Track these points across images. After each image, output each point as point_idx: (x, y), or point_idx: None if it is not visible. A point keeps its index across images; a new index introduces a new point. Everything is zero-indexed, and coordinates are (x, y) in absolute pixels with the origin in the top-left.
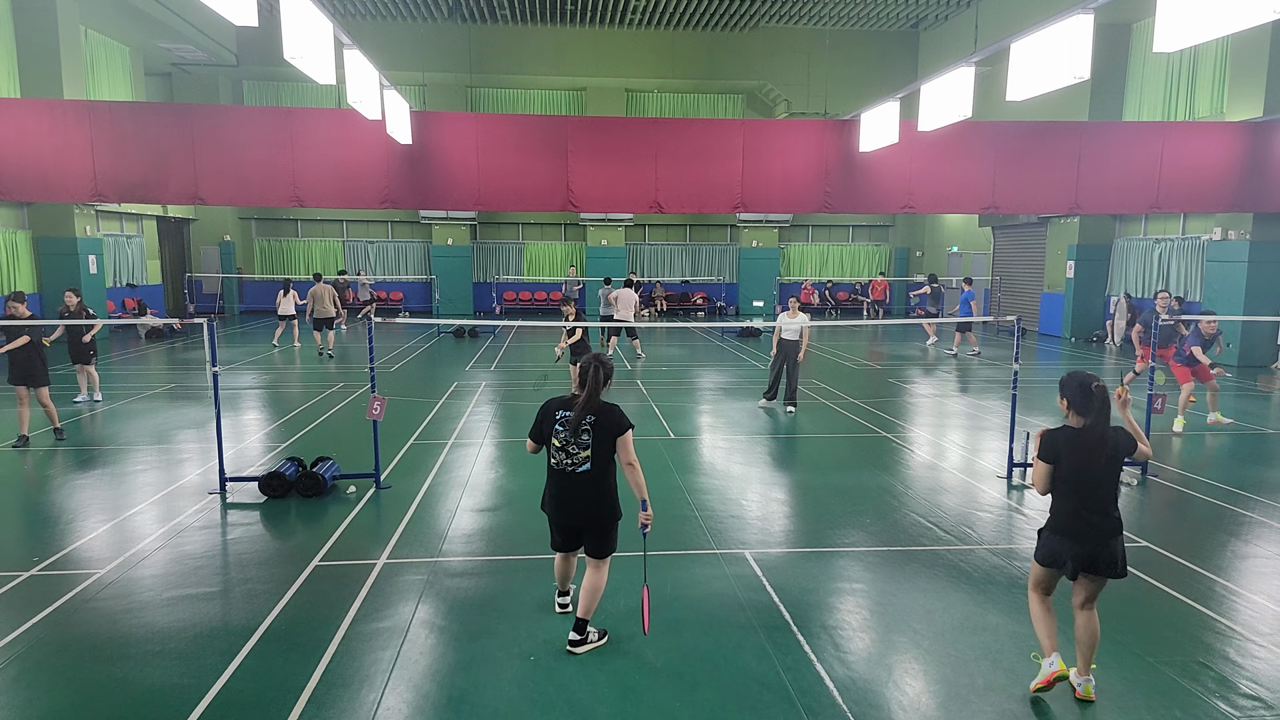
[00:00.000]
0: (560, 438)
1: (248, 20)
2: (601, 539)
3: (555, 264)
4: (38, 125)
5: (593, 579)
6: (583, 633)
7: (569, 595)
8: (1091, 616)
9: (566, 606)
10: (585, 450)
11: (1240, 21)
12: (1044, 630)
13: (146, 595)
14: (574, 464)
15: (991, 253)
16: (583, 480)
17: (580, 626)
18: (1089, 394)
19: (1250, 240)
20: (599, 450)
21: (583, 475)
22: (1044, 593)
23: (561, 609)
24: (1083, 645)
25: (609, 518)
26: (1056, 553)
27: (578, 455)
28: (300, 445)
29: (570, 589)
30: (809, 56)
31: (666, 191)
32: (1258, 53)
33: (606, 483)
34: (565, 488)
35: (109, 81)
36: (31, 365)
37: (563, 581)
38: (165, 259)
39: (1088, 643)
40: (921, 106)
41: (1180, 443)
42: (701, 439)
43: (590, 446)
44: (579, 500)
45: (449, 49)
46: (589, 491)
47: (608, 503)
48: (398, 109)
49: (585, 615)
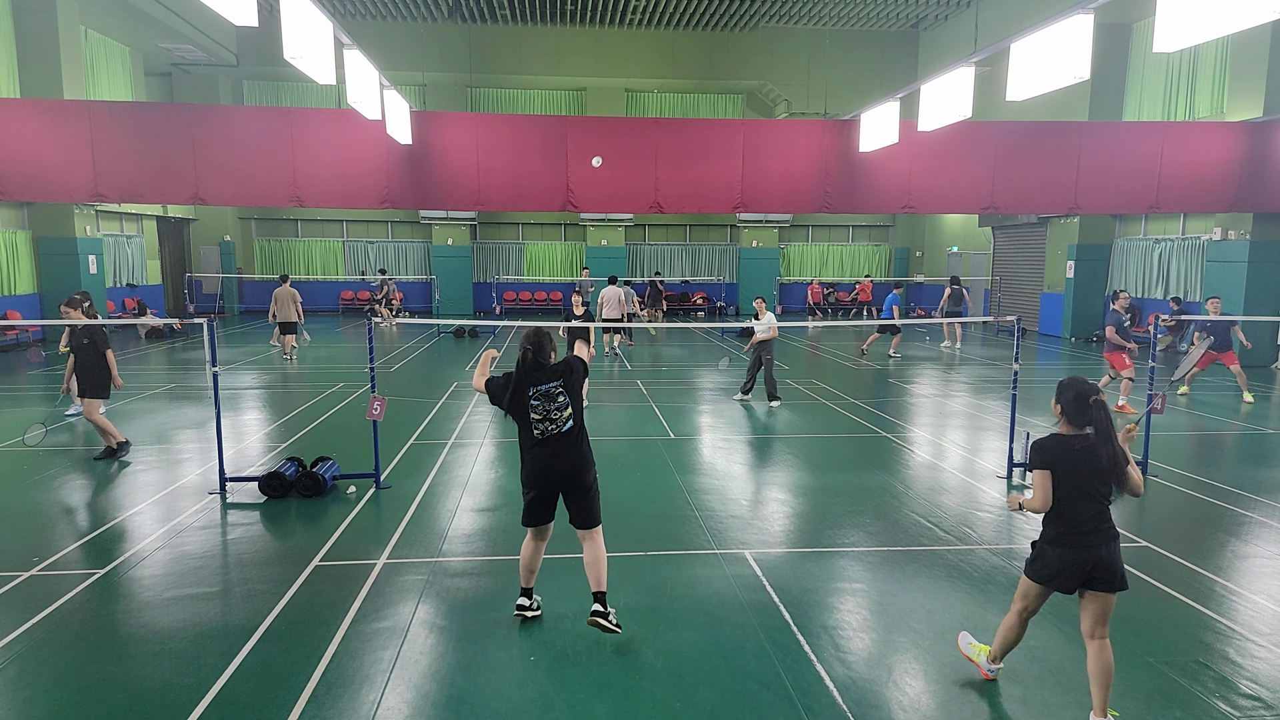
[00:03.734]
0: (539, 411)
1: (248, 20)
2: (587, 501)
3: (555, 264)
4: (38, 125)
5: (591, 551)
6: (606, 605)
7: (530, 599)
8: (1104, 648)
9: (526, 611)
10: (566, 410)
11: (1240, 21)
12: (1003, 639)
13: (146, 595)
14: (558, 426)
15: (991, 253)
16: (569, 438)
17: (601, 599)
18: (1085, 407)
19: (1250, 240)
20: (576, 403)
21: (569, 433)
22: (1028, 612)
23: (519, 612)
24: (1096, 680)
25: (592, 477)
26: (1053, 566)
27: (560, 416)
28: (300, 445)
29: (533, 593)
30: (809, 56)
31: (666, 191)
32: (1258, 53)
33: (584, 437)
34: (554, 450)
35: (109, 81)
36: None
37: (526, 576)
38: (165, 259)
39: (1101, 677)
40: (921, 106)
41: (1180, 443)
42: (701, 439)
43: (570, 405)
44: (567, 459)
45: (449, 49)
46: (575, 448)
47: (587, 459)
48: (398, 109)
49: (600, 588)
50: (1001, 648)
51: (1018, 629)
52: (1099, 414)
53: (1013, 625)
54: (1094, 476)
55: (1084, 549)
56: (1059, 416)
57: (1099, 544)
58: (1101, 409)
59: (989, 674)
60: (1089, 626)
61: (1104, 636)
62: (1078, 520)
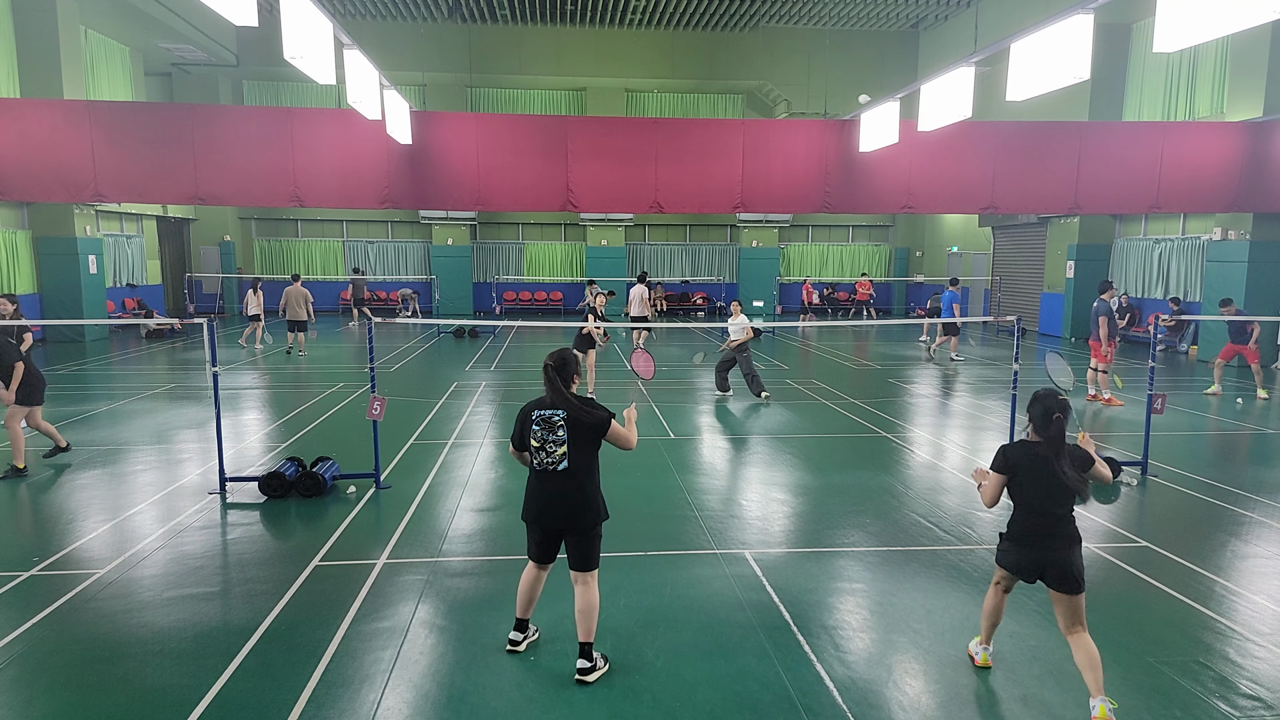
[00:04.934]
0: (538, 437)
1: (248, 20)
2: (584, 546)
3: (555, 264)
4: (38, 125)
5: (584, 598)
6: (590, 658)
7: (525, 631)
8: (1082, 640)
9: (518, 646)
10: (561, 447)
11: (1240, 21)
12: (987, 621)
13: (146, 595)
14: (552, 462)
15: (991, 253)
16: (561, 478)
17: (586, 652)
18: (1049, 421)
19: (1250, 240)
20: (575, 447)
21: (561, 473)
22: (1002, 590)
23: (511, 647)
24: (1085, 669)
25: (590, 521)
26: (1010, 559)
27: (555, 453)
28: (300, 445)
29: (529, 623)
30: (809, 56)
31: (666, 191)
32: (1258, 53)
33: (587, 483)
34: (546, 488)
35: (109, 81)
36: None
37: (524, 606)
38: (165, 259)
39: (1088, 667)
40: (921, 106)
41: (1180, 443)
42: (701, 439)
43: (566, 443)
44: (560, 500)
45: (449, 49)
46: (568, 490)
47: (589, 505)
48: (398, 109)
49: (587, 639)
50: (987, 628)
51: (996, 606)
52: (1056, 430)
53: (990, 608)
54: (1054, 484)
55: (1037, 549)
56: (1028, 424)
57: (1053, 549)
58: (1060, 426)
59: (978, 659)
60: (1063, 623)
61: (1081, 630)
62: (1033, 523)
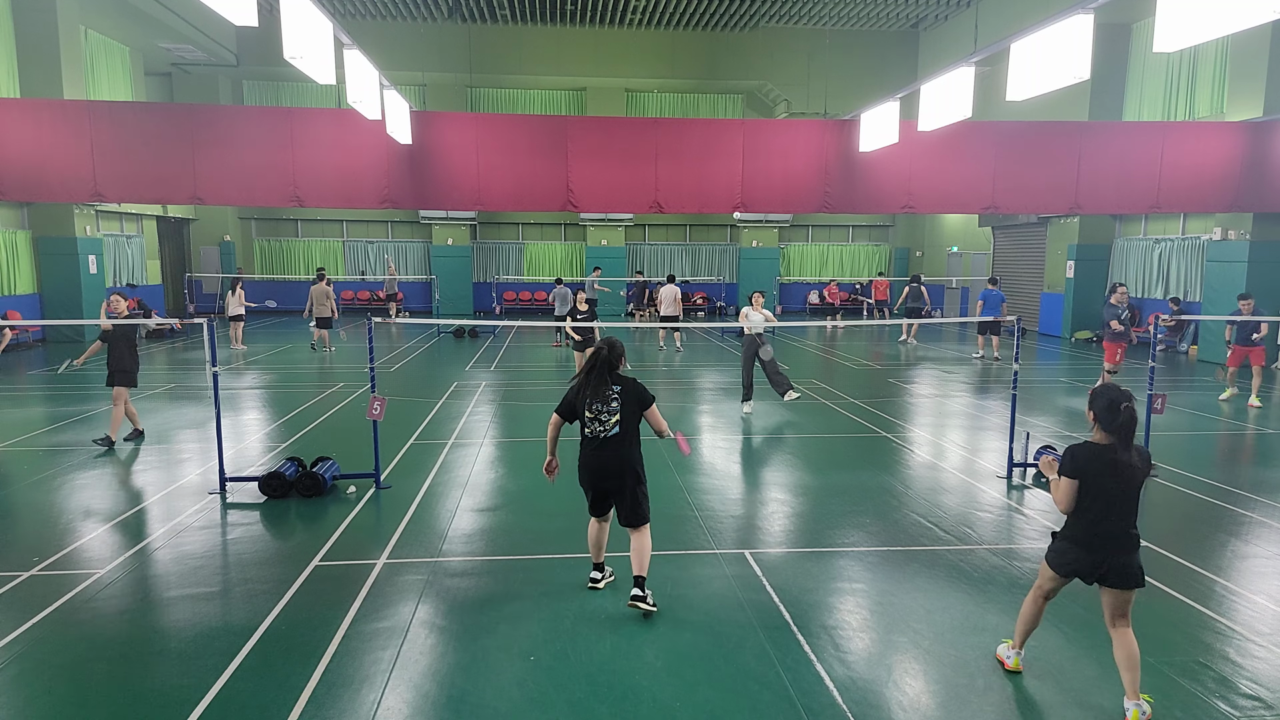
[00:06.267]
0: (593, 409)
1: (248, 20)
2: (633, 506)
3: (555, 264)
4: (38, 125)
5: (638, 541)
6: (644, 590)
7: (601, 573)
8: (1126, 635)
9: (597, 583)
10: (615, 416)
11: (1240, 21)
12: (1025, 627)
13: (146, 595)
14: (605, 430)
15: (991, 253)
16: (612, 444)
17: (640, 583)
18: (1116, 412)
19: (1250, 240)
20: (626, 416)
21: (613, 439)
22: (1044, 597)
23: (591, 584)
24: (1123, 666)
25: (635, 482)
26: (1069, 561)
27: (608, 421)
28: (300, 445)
29: (604, 566)
30: (809, 56)
31: (666, 191)
32: (1258, 53)
33: (633, 449)
34: (598, 453)
35: (109, 81)
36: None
37: (596, 551)
38: (165, 259)
39: (1127, 664)
40: (921, 106)
41: (1180, 443)
42: (701, 439)
43: (619, 413)
44: (610, 463)
45: (449, 49)
46: (618, 454)
47: (633, 467)
48: (398, 109)
49: (641, 573)
50: (1023, 633)
51: (1035, 612)
52: (1127, 417)
53: (1029, 615)
54: (1122, 485)
55: (1102, 551)
56: (1093, 423)
57: (1117, 551)
58: (1130, 414)
59: (1009, 663)
60: (1109, 617)
61: (1126, 626)
62: (1100, 527)
